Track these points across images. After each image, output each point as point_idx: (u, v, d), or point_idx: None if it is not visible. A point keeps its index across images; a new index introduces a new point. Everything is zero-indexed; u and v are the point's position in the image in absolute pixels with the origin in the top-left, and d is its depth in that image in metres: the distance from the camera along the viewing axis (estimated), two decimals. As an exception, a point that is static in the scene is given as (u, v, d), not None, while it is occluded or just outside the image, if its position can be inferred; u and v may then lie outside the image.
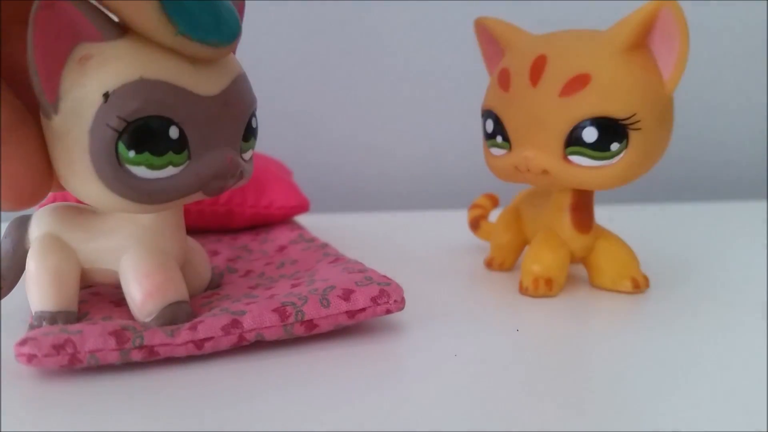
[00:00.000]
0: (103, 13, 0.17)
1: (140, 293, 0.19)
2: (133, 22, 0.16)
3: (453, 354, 0.19)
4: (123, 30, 0.17)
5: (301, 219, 0.39)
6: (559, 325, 0.22)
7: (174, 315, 0.19)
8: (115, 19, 0.17)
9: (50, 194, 0.33)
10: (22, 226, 0.21)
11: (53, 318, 0.19)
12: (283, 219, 0.36)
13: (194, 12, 0.16)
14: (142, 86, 0.16)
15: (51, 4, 0.16)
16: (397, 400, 0.16)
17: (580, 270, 0.28)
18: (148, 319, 0.19)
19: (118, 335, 0.18)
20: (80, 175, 0.17)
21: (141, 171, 0.17)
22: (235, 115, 0.19)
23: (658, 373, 0.18)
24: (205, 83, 0.17)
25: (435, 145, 0.55)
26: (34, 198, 0.17)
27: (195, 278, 0.22)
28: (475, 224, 0.34)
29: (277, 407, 0.16)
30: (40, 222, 0.21)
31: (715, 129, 0.58)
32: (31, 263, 0.20)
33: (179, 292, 0.20)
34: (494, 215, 0.33)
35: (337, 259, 0.24)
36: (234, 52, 0.19)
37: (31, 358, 0.17)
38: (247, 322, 0.19)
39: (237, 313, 0.19)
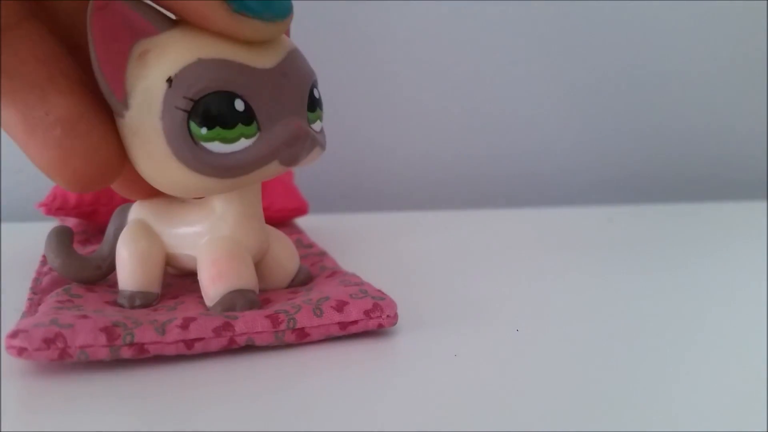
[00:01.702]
0: (153, 6, 0.18)
1: (205, 278, 0.20)
2: (188, 12, 0.17)
3: (453, 354, 0.20)
4: (174, 21, 0.18)
5: (302, 218, 0.39)
6: (559, 324, 0.22)
7: (233, 302, 0.20)
8: (167, 13, 0.18)
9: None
10: (122, 213, 0.24)
11: (132, 297, 0.21)
12: (282, 221, 0.37)
13: None
14: (201, 66, 0.17)
15: (103, 5, 0.17)
16: (394, 401, 0.16)
17: (591, 267, 0.27)
18: (212, 304, 0.20)
19: (109, 332, 0.18)
20: (161, 163, 0.18)
21: (216, 146, 0.18)
22: (296, 85, 0.19)
23: (659, 374, 0.18)
24: (260, 58, 0.18)
25: (435, 145, 0.55)
26: (95, 186, 0.18)
27: (278, 270, 0.23)
28: None
29: (269, 406, 0.16)
30: (134, 210, 0.23)
31: (715, 129, 0.58)
32: (120, 246, 0.22)
33: (244, 280, 0.20)
34: None
35: (334, 272, 0.25)
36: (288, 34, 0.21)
37: (21, 351, 0.17)
38: (239, 326, 0.19)
39: (230, 316, 0.19)
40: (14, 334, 0.17)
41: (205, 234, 0.21)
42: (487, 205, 0.54)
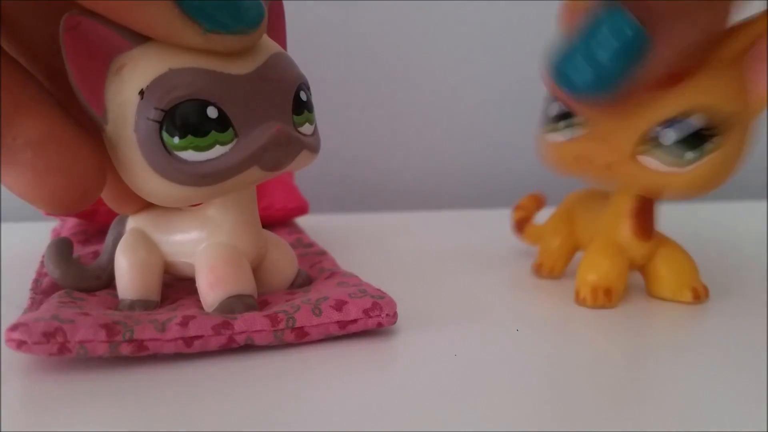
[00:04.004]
0: None
1: (204, 284, 0.20)
2: (158, 34, 0.17)
3: (452, 354, 0.20)
4: None
5: (302, 218, 0.39)
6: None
7: (232, 307, 0.20)
8: None
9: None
10: (120, 222, 0.24)
11: (132, 305, 0.21)
12: (283, 221, 0.37)
13: (214, 6, 0.17)
14: (172, 76, 0.17)
15: (75, 24, 0.17)
16: (394, 400, 0.16)
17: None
18: (210, 310, 0.20)
19: (109, 328, 0.18)
20: (139, 174, 0.18)
21: (190, 155, 0.18)
22: (277, 89, 0.19)
23: (659, 371, 0.18)
24: (236, 64, 0.18)
25: (435, 145, 0.55)
26: (78, 205, 0.18)
27: (277, 275, 0.23)
28: (520, 227, 0.32)
29: (268, 406, 0.16)
30: (132, 219, 0.23)
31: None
32: (118, 255, 0.22)
33: (242, 285, 0.20)
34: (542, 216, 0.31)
35: (333, 274, 0.24)
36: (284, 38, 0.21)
37: (20, 345, 0.17)
38: (238, 324, 0.19)
39: (229, 317, 0.19)
40: (14, 327, 0.17)
41: (203, 241, 0.21)
42: (487, 205, 0.54)
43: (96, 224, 0.34)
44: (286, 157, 0.19)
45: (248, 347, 0.19)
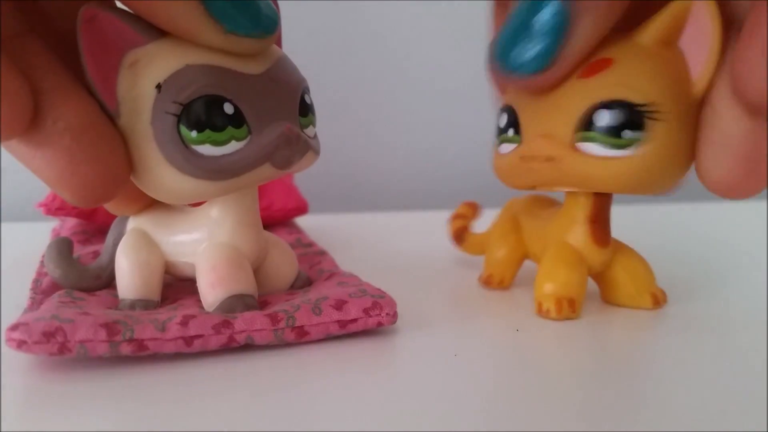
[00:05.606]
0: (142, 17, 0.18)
1: (205, 284, 0.20)
2: (180, 30, 0.17)
3: (453, 354, 0.20)
4: (163, 30, 0.18)
5: (302, 218, 0.39)
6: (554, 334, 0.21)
7: (232, 307, 0.20)
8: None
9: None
10: (121, 222, 0.24)
11: (132, 305, 0.21)
12: (283, 221, 0.37)
13: (237, 9, 0.17)
14: (189, 71, 0.18)
15: (91, 17, 0.17)
16: (394, 400, 0.16)
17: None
18: (211, 309, 0.20)
19: (109, 328, 0.18)
20: (153, 169, 0.18)
21: (207, 149, 0.18)
22: (286, 90, 0.20)
23: (659, 372, 0.18)
24: (249, 64, 0.18)
25: (435, 145, 0.55)
26: (104, 198, 0.18)
27: (277, 276, 0.23)
28: (459, 237, 0.31)
29: (268, 405, 0.16)
30: (133, 219, 0.23)
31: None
32: (119, 255, 0.22)
33: (242, 285, 0.21)
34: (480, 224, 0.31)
35: (332, 274, 0.25)
36: (280, 44, 0.21)
37: (20, 344, 0.17)
38: (238, 324, 0.19)
39: (229, 316, 0.19)
40: (14, 327, 0.17)
41: (203, 241, 0.21)
42: (487, 204, 0.54)
43: (96, 224, 0.34)
44: (295, 155, 0.19)
45: (248, 347, 0.19)
